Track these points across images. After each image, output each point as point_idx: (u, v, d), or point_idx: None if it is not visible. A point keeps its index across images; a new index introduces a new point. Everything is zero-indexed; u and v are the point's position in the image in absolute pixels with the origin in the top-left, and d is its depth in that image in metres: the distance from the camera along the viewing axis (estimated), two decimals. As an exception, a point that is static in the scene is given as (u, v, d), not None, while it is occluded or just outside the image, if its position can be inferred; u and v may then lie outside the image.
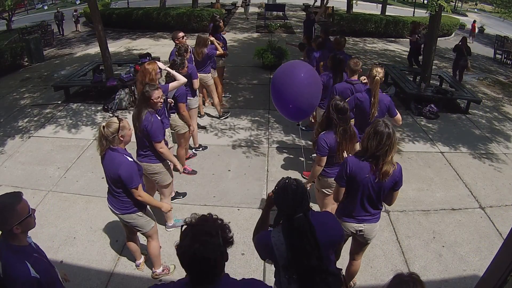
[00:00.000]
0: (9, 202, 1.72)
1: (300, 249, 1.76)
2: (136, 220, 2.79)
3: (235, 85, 7.87)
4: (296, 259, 1.78)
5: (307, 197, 1.83)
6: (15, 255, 1.74)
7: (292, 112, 2.76)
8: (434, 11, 6.32)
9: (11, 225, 1.70)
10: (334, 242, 1.94)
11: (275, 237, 1.83)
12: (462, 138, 5.98)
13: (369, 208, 2.50)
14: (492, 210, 4.21)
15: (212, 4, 17.73)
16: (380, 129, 2.29)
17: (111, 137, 2.54)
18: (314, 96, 3.38)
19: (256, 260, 3.35)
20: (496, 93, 8.71)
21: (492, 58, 13.72)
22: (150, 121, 3.08)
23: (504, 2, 11.74)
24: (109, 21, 13.87)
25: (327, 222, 1.94)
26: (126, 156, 2.61)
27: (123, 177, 2.56)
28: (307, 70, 3.41)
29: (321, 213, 2.08)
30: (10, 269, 1.71)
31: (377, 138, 2.27)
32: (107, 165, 2.62)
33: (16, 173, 4.67)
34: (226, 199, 4.21)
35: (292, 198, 1.78)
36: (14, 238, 1.76)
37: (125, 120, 2.60)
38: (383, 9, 17.17)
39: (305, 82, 3.27)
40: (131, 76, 7.06)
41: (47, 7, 27.35)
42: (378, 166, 2.31)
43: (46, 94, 7.43)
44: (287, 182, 1.84)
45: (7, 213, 1.70)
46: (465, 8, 34.25)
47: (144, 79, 3.58)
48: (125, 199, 2.70)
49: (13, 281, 1.70)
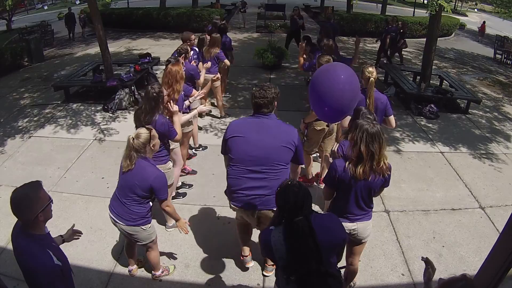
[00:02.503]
0: (31, 190, 1.76)
1: (299, 252, 1.75)
2: (138, 233, 2.73)
3: (235, 85, 7.87)
4: (295, 262, 1.78)
5: (308, 200, 1.82)
6: (37, 244, 1.77)
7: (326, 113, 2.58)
8: (434, 11, 6.32)
9: (36, 213, 1.74)
10: (335, 246, 1.91)
11: (275, 237, 1.82)
12: (462, 138, 5.98)
13: (363, 206, 2.49)
14: (492, 210, 4.21)
15: (212, 4, 17.73)
16: (373, 130, 2.23)
17: (143, 148, 2.53)
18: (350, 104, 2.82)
19: (256, 260, 3.35)
20: (496, 93, 8.71)
21: (492, 58, 13.71)
22: (164, 123, 3.12)
23: (504, 2, 11.73)
24: (109, 21, 13.85)
25: (330, 225, 1.90)
26: (157, 167, 2.61)
27: (156, 188, 2.55)
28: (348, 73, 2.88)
29: (325, 215, 2.05)
30: (33, 258, 1.74)
31: (376, 139, 2.22)
32: (135, 174, 2.54)
33: (16, 173, 4.67)
34: (226, 199, 4.14)
35: (294, 201, 1.77)
36: (35, 227, 1.79)
37: (153, 129, 2.62)
38: (383, 9, 17.19)
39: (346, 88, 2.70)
40: (131, 76, 7.06)
41: (47, 7, 27.36)
42: (372, 166, 2.28)
43: (46, 94, 7.42)
44: (289, 184, 1.83)
45: (31, 201, 1.74)
46: (465, 8, 34.24)
47: (174, 81, 3.52)
48: (135, 209, 2.62)
49: (37, 270, 1.73)
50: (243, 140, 2.55)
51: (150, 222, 2.77)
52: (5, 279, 2.78)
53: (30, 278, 1.77)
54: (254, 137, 2.54)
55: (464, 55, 13.63)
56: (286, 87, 7.61)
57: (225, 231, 3.68)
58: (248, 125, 2.61)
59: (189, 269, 3.26)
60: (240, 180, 2.61)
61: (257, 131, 2.55)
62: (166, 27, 13.89)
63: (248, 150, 2.54)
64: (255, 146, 2.52)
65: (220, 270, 3.26)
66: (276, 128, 2.58)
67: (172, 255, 3.39)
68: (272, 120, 2.60)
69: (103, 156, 5.11)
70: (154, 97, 3.06)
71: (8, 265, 3.17)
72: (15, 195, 1.73)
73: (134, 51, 10.89)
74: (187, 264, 3.31)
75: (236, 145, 2.58)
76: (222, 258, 3.38)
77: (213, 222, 3.81)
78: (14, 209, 1.73)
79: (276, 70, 9.02)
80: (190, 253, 3.43)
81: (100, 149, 5.31)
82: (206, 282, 3.14)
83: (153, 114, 3.06)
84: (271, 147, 2.52)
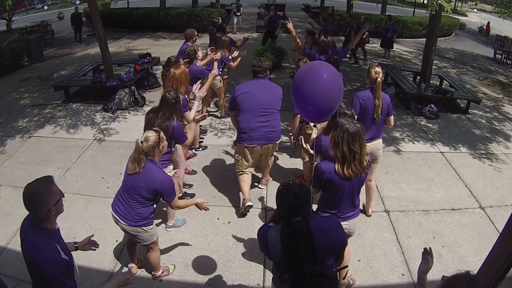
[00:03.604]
0: (44, 185, 1.80)
1: (294, 252, 1.75)
2: (140, 233, 2.74)
3: (235, 85, 7.84)
4: (290, 261, 1.77)
5: (308, 201, 1.80)
6: (46, 237, 1.80)
7: (311, 113, 2.62)
8: (434, 11, 6.32)
9: (49, 207, 1.77)
10: (333, 249, 1.89)
11: (272, 234, 1.81)
12: (462, 138, 5.98)
13: (356, 203, 2.53)
14: (492, 210, 4.21)
15: (212, 4, 17.73)
16: (353, 129, 2.25)
17: (152, 151, 2.54)
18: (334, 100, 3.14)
19: (256, 260, 3.35)
20: (496, 93, 8.71)
21: (492, 58, 13.72)
22: (179, 127, 3.16)
23: (504, 2, 11.75)
24: (109, 21, 13.86)
25: (329, 228, 1.88)
26: (163, 171, 2.62)
27: (162, 191, 2.58)
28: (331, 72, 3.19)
29: (324, 217, 2.04)
30: (41, 251, 1.76)
31: (357, 139, 2.24)
32: (142, 176, 2.54)
33: (16, 173, 4.67)
34: (226, 199, 4.21)
35: (293, 201, 1.76)
36: (47, 221, 1.82)
37: (161, 132, 2.63)
38: (383, 9, 17.19)
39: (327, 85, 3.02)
40: (131, 76, 7.07)
41: (47, 7, 27.36)
42: (356, 165, 2.30)
43: (46, 94, 7.43)
44: (290, 184, 1.81)
45: (44, 195, 1.77)
46: (465, 8, 34.23)
47: (179, 84, 3.52)
48: (139, 211, 2.64)
49: (44, 263, 1.75)
50: (250, 95, 3.59)
51: (152, 223, 2.78)
52: (5, 279, 2.78)
53: (35, 271, 1.78)
54: (258, 92, 3.60)
55: (464, 55, 13.64)
56: (286, 87, 7.53)
57: (225, 231, 3.68)
58: (251, 84, 3.70)
59: (189, 269, 3.26)
60: (250, 123, 3.60)
61: (258, 88, 3.63)
62: (166, 27, 13.89)
63: (256, 100, 3.57)
64: (261, 97, 3.59)
65: (220, 270, 3.26)
66: (271, 86, 3.75)
67: (172, 255, 3.39)
68: (267, 81, 3.75)
69: (103, 156, 5.11)
70: (173, 103, 3.10)
71: (8, 265, 3.18)
72: (28, 190, 1.76)
73: (134, 51, 10.90)
74: (187, 264, 3.31)
75: (245, 99, 3.59)
76: (222, 258, 3.38)
77: (213, 222, 3.81)
78: (27, 203, 1.77)
79: (276, 70, 9.02)
80: (190, 253, 3.43)
81: (100, 149, 5.31)
82: (206, 282, 3.14)
83: (171, 119, 3.09)
84: (271, 98, 3.66)
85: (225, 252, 3.44)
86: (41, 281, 1.78)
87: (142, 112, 6.54)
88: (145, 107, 6.73)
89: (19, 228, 1.93)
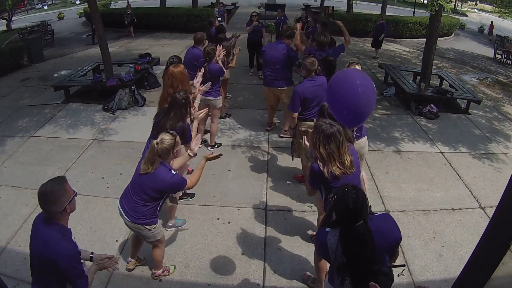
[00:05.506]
0: (58, 184, 1.85)
1: (357, 255, 1.79)
2: (142, 231, 2.76)
3: (235, 85, 7.87)
4: (352, 264, 1.81)
5: (366, 203, 1.82)
6: (59, 232, 1.87)
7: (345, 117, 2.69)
8: (434, 11, 6.32)
9: (63, 205, 1.84)
10: (391, 246, 1.96)
11: (331, 240, 1.85)
12: (462, 138, 5.98)
13: None
14: (492, 210, 4.19)
15: (212, 4, 17.74)
16: (329, 131, 2.27)
17: (166, 154, 2.54)
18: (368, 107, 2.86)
19: (256, 260, 3.35)
20: (496, 93, 8.71)
21: (492, 58, 13.72)
22: (188, 128, 3.15)
23: (504, 2, 11.75)
24: (109, 21, 13.86)
25: (386, 226, 1.94)
26: (171, 171, 2.61)
27: (174, 190, 2.70)
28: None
29: (380, 216, 2.06)
30: (56, 244, 1.82)
31: (333, 140, 2.27)
32: (151, 176, 2.55)
33: (16, 173, 4.67)
34: (226, 199, 4.21)
35: (353, 207, 1.77)
36: (61, 219, 1.89)
37: (178, 136, 2.63)
38: (383, 9, 17.18)
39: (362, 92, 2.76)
40: (131, 76, 7.07)
41: (47, 7, 27.36)
42: (337, 165, 2.32)
43: (46, 94, 7.42)
44: (346, 191, 1.81)
45: (59, 193, 1.83)
46: (465, 8, 34.24)
47: (179, 83, 3.51)
48: (142, 209, 2.64)
49: (60, 254, 1.81)
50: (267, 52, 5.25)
51: (156, 223, 2.77)
52: (5, 279, 2.78)
53: (51, 264, 1.83)
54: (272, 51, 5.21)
55: (464, 55, 13.64)
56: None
57: (225, 231, 3.68)
58: (269, 46, 5.50)
59: (189, 269, 3.26)
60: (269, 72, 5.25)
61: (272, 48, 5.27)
62: (166, 27, 13.89)
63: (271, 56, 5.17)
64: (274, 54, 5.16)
65: (220, 270, 3.26)
66: (282, 47, 5.17)
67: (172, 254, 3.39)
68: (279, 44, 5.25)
69: (103, 156, 5.11)
70: (184, 103, 3.08)
71: (8, 265, 3.17)
72: (44, 190, 1.82)
73: (134, 51, 10.89)
74: (187, 264, 3.31)
75: (266, 54, 5.26)
76: (222, 258, 3.38)
77: (213, 222, 3.81)
78: (43, 203, 1.83)
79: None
80: (190, 253, 3.43)
81: (100, 149, 5.31)
82: (206, 282, 3.14)
83: (182, 120, 3.08)
84: (281, 54, 5.11)
85: (225, 252, 3.43)
86: (57, 274, 1.84)
87: (142, 112, 6.54)
88: (145, 107, 6.74)
89: (19, 228, 1.95)
